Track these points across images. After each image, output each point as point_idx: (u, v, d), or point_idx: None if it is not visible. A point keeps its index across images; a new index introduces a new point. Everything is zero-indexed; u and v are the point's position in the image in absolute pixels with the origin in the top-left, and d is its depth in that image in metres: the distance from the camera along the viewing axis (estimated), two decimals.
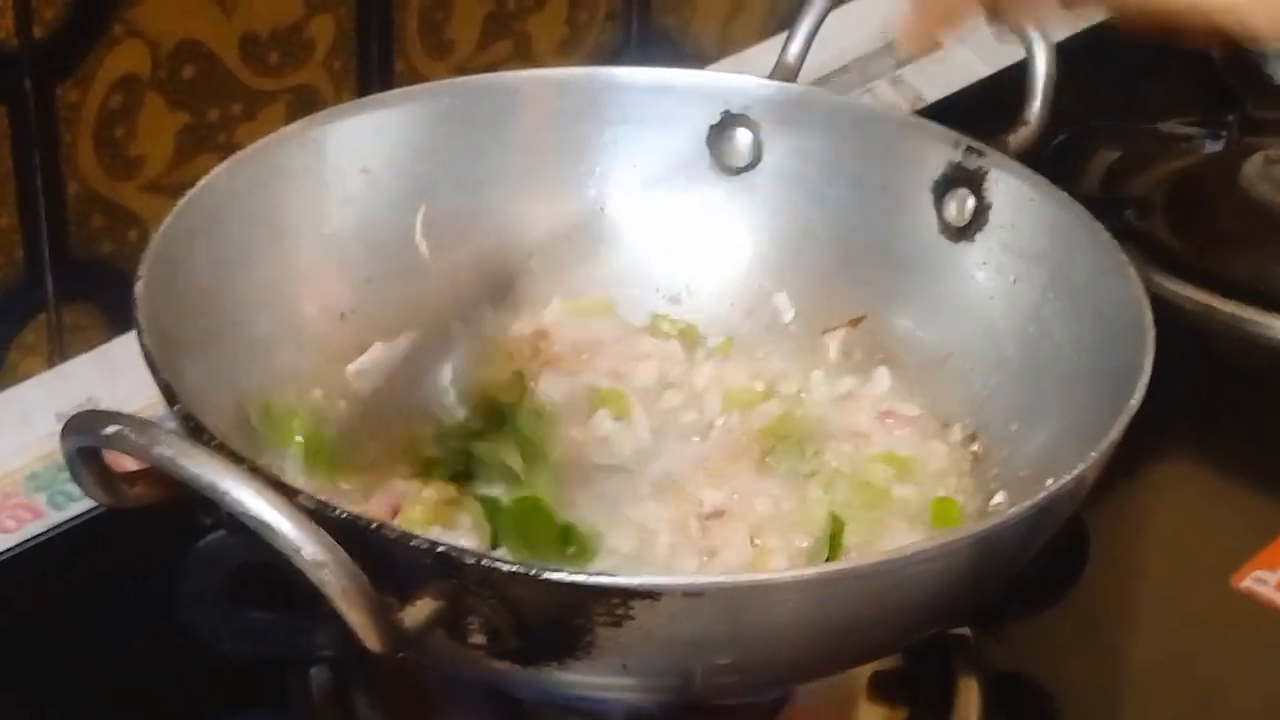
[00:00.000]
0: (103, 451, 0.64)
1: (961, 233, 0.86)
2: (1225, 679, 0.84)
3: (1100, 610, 0.87)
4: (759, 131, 0.90)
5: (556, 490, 0.78)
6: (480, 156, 0.89)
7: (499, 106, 0.89)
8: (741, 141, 0.90)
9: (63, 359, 0.96)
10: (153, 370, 0.71)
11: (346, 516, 0.64)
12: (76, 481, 0.65)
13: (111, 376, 0.94)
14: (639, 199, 0.91)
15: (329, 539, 0.60)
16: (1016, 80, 0.88)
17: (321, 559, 0.60)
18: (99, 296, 0.96)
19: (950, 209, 0.87)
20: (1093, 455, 0.70)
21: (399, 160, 0.87)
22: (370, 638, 0.61)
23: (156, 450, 0.61)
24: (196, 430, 0.68)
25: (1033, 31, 0.87)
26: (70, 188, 0.93)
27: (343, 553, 0.60)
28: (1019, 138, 0.87)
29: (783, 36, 0.92)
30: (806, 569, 0.73)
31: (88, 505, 0.86)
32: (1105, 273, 0.80)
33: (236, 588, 0.81)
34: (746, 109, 0.90)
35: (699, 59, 1.20)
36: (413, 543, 0.63)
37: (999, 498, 0.80)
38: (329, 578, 0.60)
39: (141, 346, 0.72)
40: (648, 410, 0.83)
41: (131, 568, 0.85)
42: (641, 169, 0.91)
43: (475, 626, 0.63)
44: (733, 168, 0.91)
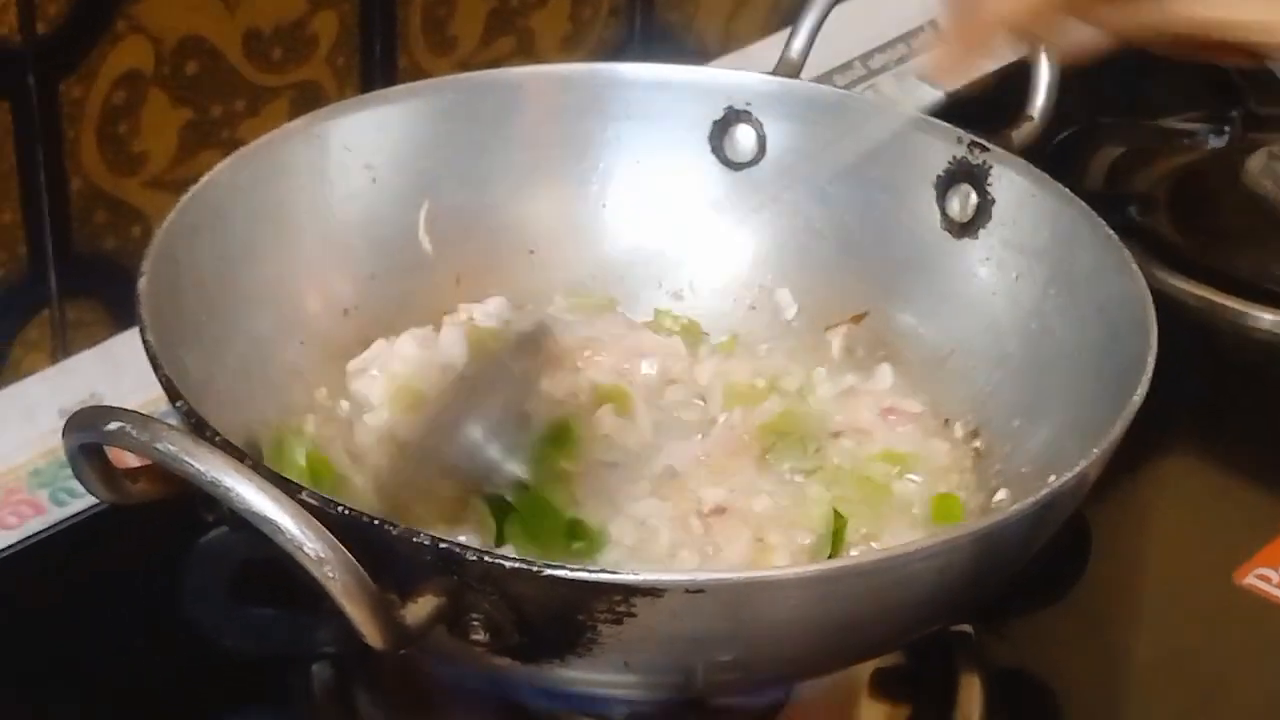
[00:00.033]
0: (105, 448, 0.64)
1: (964, 229, 0.86)
2: (1227, 675, 0.84)
3: (1102, 607, 0.87)
4: (762, 127, 0.90)
5: (559, 487, 0.78)
6: (483, 152, 0.89)
7: (502, 102, 0.89)
8: (744, 137, 0.90)
9: (66, 355, 0.96)
10: (155, 366, 0.71)
11: (348, 513, 0.64)
12: (79, 478, 0.65)
13: (114, 372, 0.94)
14: (642, 195, 0.91)
15: (331, 536, 0.60)
16: (1020, 76, 0.88)
17: (323, 555, 0.60)
18: (102, 292, 0.96)
19: (953, 205, 0.87)
20: (1095, 452, 0.70)
21: (402, 156, 0.87)
22: (372, 634, 0.61)
23: (159, 446, 0.61)
24: (199, 426, 0.68)
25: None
26: (73, 184, 0.93)
27: (344, 549, 0.60)
28: (1022, 134, 0.87)
29: (786, 32, 0.92)
30: (808, 566, 0.73)
31: (90, 502, 0.86)
32: (1108, 269, 0.80)
33: (238, 584, 0.81)
34: (749, 105, 0.90)
35: (702, 55, 1.20)
36: (414, 539, 0.63)
37: (1001, 494, 0.80)
38: (331, 574, 0.60)
39: (144, 343, 0.72)
40: (650, 407, 0.83)
41: (134, 564, 0.85)
42: (644, 165, 0.91)
43: (477, 623, 0.63)
44: (736, 164, 0.91)
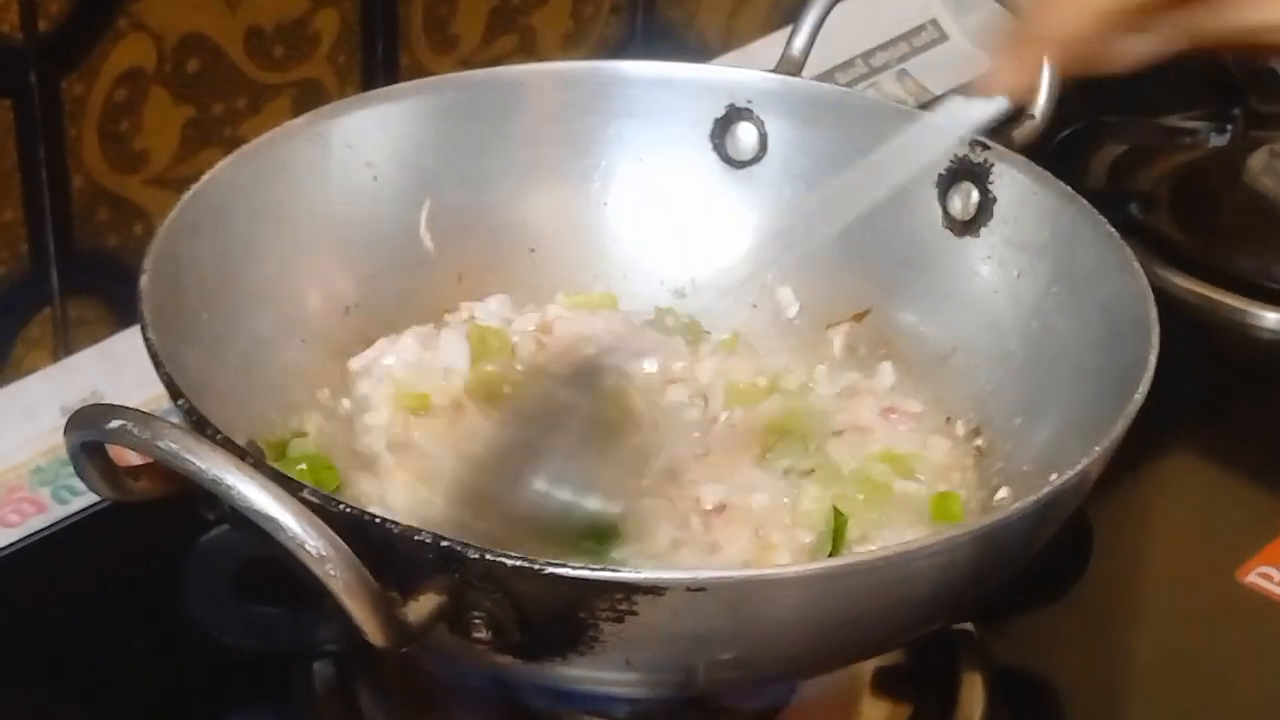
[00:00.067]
0: (107, 446, 0.64)
1: (966, 227, 0.86)
2: (1230, 674, 0.84)
3: (1104, 605, 0.87)
4: (763, 125, 0.90)
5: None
6: (485, 151, 0.89)
7: (504, 100, 0.89)
8: (746, 135, 0.90)
9: (67, 353, 0.96)
10: (156, 365, 0.71)
11: (350, 511, 0.64)
12: (80, 476, 0.65)
13: (116, 371, 0.94)
14: (643, 193, 0.91)
15: (332, 534, 0.60)
16: None
17: (325, 553, 0.60)
18: (104, 290, 0.96)
19: (955, 203, 0.87)
20: (1097, 450, 0.70)
21: (404, 154, 0.87)
22: (373, 632, 0.61)
23: (160, 445, 0.61)
24: (200, 425, 0.67)
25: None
26: (75, 181, 0.93)
27: (346, 547, 0.60)
28: (1024, 132, 0.86)
29: (787, 30, 0.92)
30: (810, 564, 0.73)
31: (91, 500, 0.87)
32: (1110, 267, 0.80)
33: (240, 582, 0.81)
34: (751, 103, 0.90)
35: (704, 53, 1.20)
36: (416, 537, 0.63)
37: (1003, 493, 0.80)
38: (332, 572, 0.60)
39: (145, 341, 0.72)
40: (650, 405, 0.83)
41: (135, 562, 0.85)
42: (646, 163, 0.91)
43: (478, 621, 0.63)
44: (737, 161, 0.91)
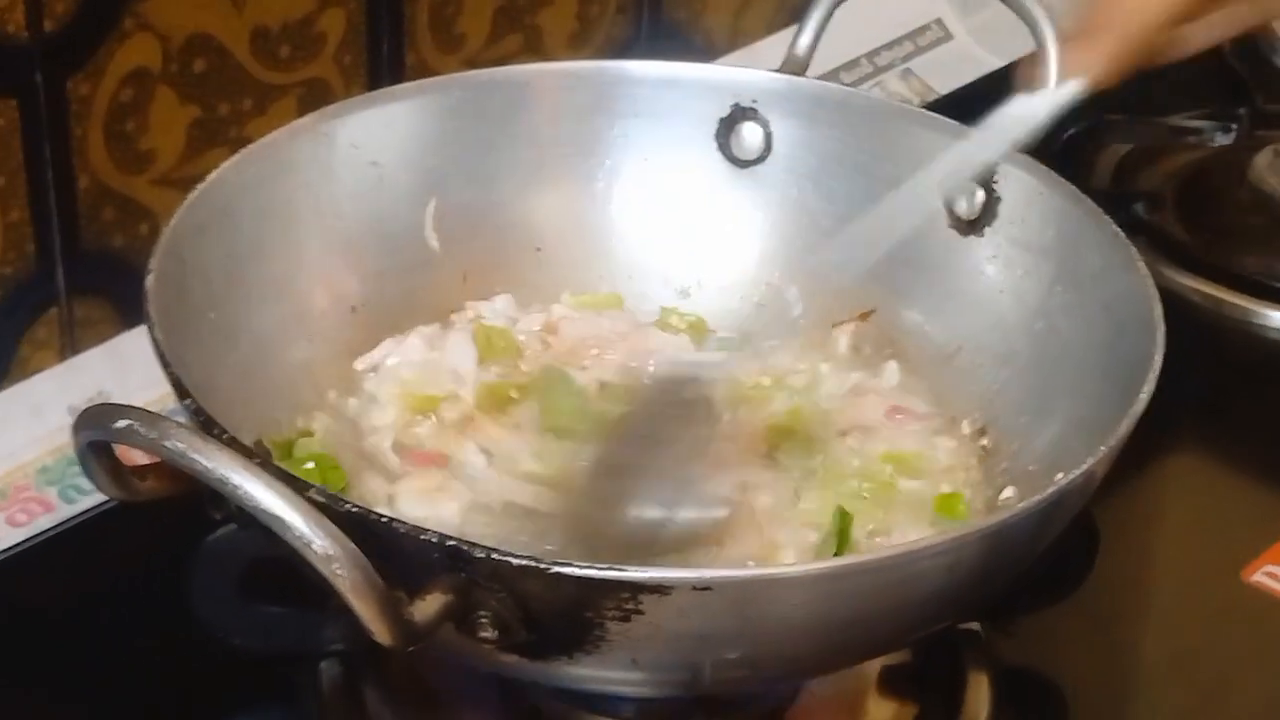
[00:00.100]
0: (113, 445, 0.64)
1: (971, 227, 0.86)
2: (1235, 673, 0.84)
3: (1110, 605, 0.87)
4: (768, 125, 0.90)
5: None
6: (490, 150, 0.89)
7: (509, 100, 0.89)
8: (751, 135, 0.90)
9: (74, 353, 0.96)
10: (163, 364, 0.71)
11: (357, 511, 0.64)
12: (87, 475, 0.65)
13: (122, 370, 0.94)
14: (649, 193, 0.91)
15: (339, 533, 0.60)
16: None
17: (331, 553, 0.60)
18: (110, 290, 0.96)
19: (960, 203, 0.87)
20: (1102, 450, 0.70)
21: (409, 154, 0.87)
22: (380, 632, 0.61)
23: (167, 444, 0.61)
24: (207, 424, 0.68)
25: (1044, 24, 0.86)
26: (81, 181, 0.93)
27: (353, 547, 0.60)
28: None
29: (792, 30, 0.92)
30: (815, 563, 0.73)
31: (98, 499, 0.87)
32: (1115, 267, 0.80)
33: (247, 582, 0.81)
34: (756, 102, 0.90)
35: (709, 52, 1.20)
36: (423, 536, 0.63)
37: (1008, 492, 0.80)
38: (339, 572, 0.60)
39: (152, 340, 0.72)
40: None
41: (141, 562, 0.85)
42: (651, 162, 0.91)
43: (485, 620, 0.63)
44: (742, 161, 0.91)
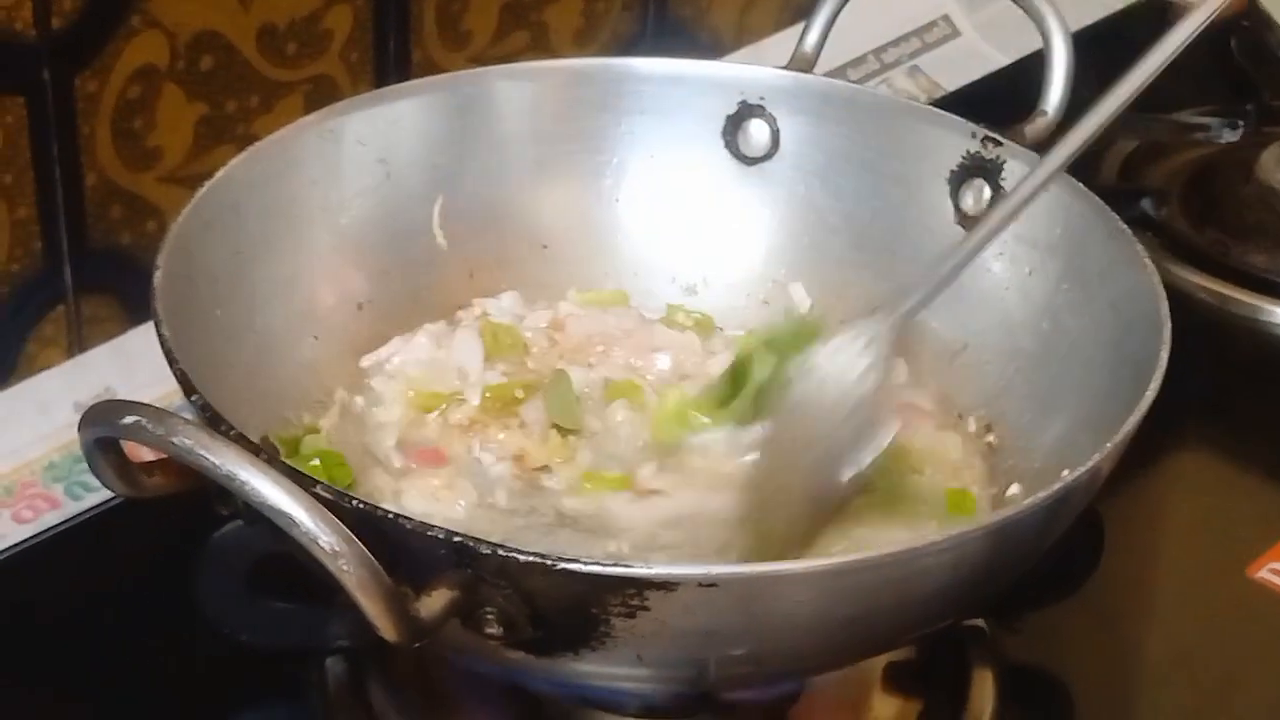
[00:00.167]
0: (121, 442, 0.64)
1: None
2: (1240, 670, 0.84)
3: (1115, 602, 0.87)
4: (775, 122, 0.90)
5: None
6: (497, 147, 0.89)
7: (516, 97, 0.89)
8: (758, 132, 0.90)
9: (81, 350, 0.96)
10: (170, 361, 0.71)
11: (363, 507, 0.64)
12: (94, 472, 0.65)
13: (129, 367, 0.94)
14: (655, 190, 0.91)
15: (345, 529, 0.61)
16: (1034, 70, 0.88)
17: (338, 549, 0.60)
18: (117, 287, 0.96)
19: (966, 199, 0.87)
20: (1108, 447, 0.70)
21: (416, 151, 0.88)
22: (386, 628, 0.61)
23: (174, 440, 0.61)
24: (214, 420, 0.68)
25: (1051, 20, 0.86)
26: (88, 179, 0.93)
27: (359, 543, 0.61)
28: (1036, 128, 0.86)
29: (799, 27, 0.92)
30: (821, 560, 0.73)
31: (105, 496, 0.87)
32: (1121, 264, 0.80)
33: (253, 578, 0.81)
34: (763, 99, 0.90)
35: (715, 49, 1.20)
36: (429, 532, 0.63)
37: (1014, 489, 0.80)
38: (345, 568, 0.60)
39: (159, 337, 0.72)
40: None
41: (148, 558, 0.85)
42: (658, 160, 0.91)
43: (491, 617, 0.63)
44: (749, 158, 0.91)
